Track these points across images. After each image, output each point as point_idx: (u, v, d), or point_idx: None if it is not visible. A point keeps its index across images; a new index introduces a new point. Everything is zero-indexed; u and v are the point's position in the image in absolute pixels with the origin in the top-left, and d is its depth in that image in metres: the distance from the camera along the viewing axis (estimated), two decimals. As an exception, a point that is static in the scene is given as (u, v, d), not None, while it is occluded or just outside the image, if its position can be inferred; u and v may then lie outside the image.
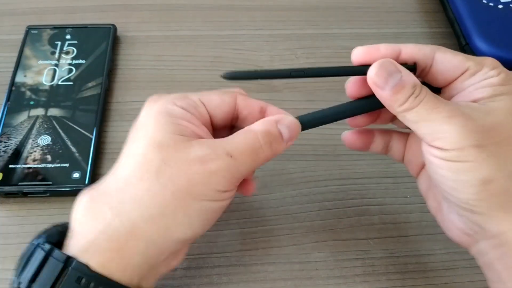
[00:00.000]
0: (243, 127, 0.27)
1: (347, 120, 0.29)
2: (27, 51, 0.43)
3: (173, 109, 0.26)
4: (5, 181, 0.35)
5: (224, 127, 0.29)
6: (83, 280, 0.23)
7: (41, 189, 0.35)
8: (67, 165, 0.36)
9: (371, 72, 0.25)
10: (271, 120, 0.27)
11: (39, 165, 0.36)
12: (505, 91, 0.25)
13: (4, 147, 0.37)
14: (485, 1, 0.44)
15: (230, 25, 0.47)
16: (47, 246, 0.23)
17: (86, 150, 0.37)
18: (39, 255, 0.23)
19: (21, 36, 0.44)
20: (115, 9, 0.47)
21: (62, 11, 0.47)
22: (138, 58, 0.44)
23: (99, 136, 0.38)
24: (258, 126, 0.26)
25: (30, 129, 0.38)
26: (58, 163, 0.36)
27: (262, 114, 0.28)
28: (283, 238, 0.34)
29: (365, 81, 0.26)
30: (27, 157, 0.36)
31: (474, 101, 0.25)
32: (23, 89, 0.40)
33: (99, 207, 0.24)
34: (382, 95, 0.25)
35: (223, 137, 0.26)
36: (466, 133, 0.23)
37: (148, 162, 0.24)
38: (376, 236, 0.35)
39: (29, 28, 0.44)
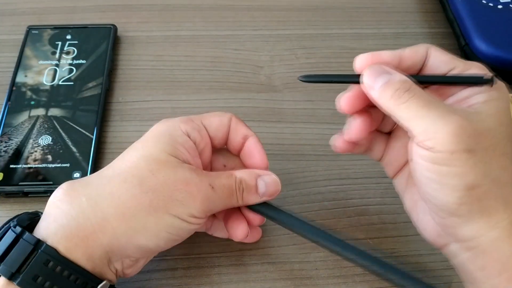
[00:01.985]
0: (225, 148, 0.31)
1: (345, 136, 0.30)
2: (28, 51, 0.43)
3: (177, 134, 0.28)
4: (6, 181, 0.35)
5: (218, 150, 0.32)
6: (51, 263, 0.24)
7: (41, 189, 0.35)
8: (67, 165, 0.36)
9: (363, 77, 0.26)
10: (252, 172, 0.29)
11: (40, 165, 0.36)
12: (496, 97, 0.25)
13: (4, 147, 0.37)
14: (484, 1, 0.44)
15: (230, 25, 0.47)
16: (18, 229, 0.25)
17: (87, 150, 0.37)
18: (9, 237, 0.24)
19: (22, 36, 0.44)
20: (115, 9, 0.48)
21: (63, 11, 0.47)
22: (139, 58, 0.44)
23: (100, 136, 0.38)
24: (240, 173, 0.29)
25: (31, 129, 0.38)
26: (58, 163, 0.36)
27: (243, 142, 0.30)
28: (283, 238, 0.35)
29: (359, 95, 0.27)
30: (27, 157, 0.36)
31: (469, 106, 0.25)
32: (23, 89, 0.40)
33: (76, 195, 0.26)
34: (373, 95, 0.26)
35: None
36: (460, 136, 0.23)
37: (136, 169, 0.26)
38: (375, 236, 0.35)
39: (30, 28, 0.44)
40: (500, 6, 0.43)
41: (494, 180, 0.23)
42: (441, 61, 0.27)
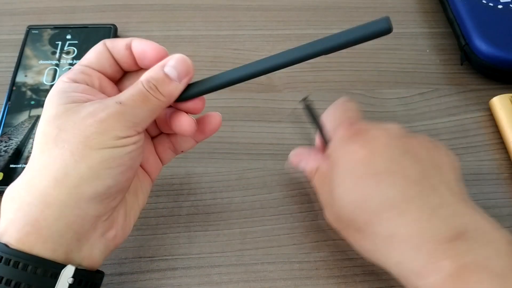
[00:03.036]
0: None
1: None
2: (28, 51, 0.43)
3: (64, 86, 0.26)
4: (6, 181, 0.35)
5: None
6: (3, 258, 0.23)
7: (41, 188, 0.35)
8: (67, 165, 0.36)
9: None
10: (155, 66, 0.27)
11: (40, 165, 0.36)
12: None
13: (5, 147, 0.37)
14: (484, 1, 0.44)
15: (230, 25, 0.47)
16: None
17: (87, 150, 0.37)
18: None
19: (22, 36, 0.44)
20: (115, 9, 0.48)
21: (63, 11, 0.47)
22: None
23: (100, 136, 0.38)
24: (144, 75, 0.27)
25: (31, 129, 0.38)
26: (58, 163, 0.36)
27: (129, 51, 0.29)
28: (283, 237, 0.35)
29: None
30: (27, 157, 0.36)
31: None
32: (23, 89, 0.40)
33: (14, 191, 0.25)
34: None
35: None
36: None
37: (46, 135, 0.25)
38: (376, 236, 0.35)
39: (30, 28, 0.44)
40: (500, 6, 0.43)
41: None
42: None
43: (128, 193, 0.29)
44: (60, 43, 0.43)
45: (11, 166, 0.36)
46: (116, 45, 0.29)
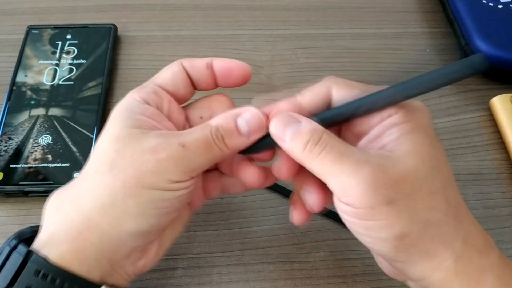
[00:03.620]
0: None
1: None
2: (28, 51, 0.43)
3: (133, 104, 0.26)
4: (6, 181, 0.35)
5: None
6: (41, 272, 0.23)
7: (41, 188, 0.35)
8: (68, 164, 0.36)
9: (270, 126, 0.25)
10: (229, 114, 0.26)
11: (40, 165, 0.36)
12: (410, 129, 0.23)
13: (5, 146, 0.37)
14: (485, 1, 0.44)
15: (230, 25, 0.47)
16: (13, 242, 0.24)
17: (87, 149, 0.37)
18: (5, 251, 0.24)
19: (22, 36, 0.44)
20: (115, 9, 0.48)
21: (63, 11, 0.47)
22: (139, 58, 0.44)
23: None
24: (215, 120, 0.26)
25: (31, 129, 0.38)
26: (58, 163, 0.36)
27: (210, 70, 0.28)
28: (283, 237, 0.35)
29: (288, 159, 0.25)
30: (28, 156, 0.36)
31: (383, 146, 0.23)
32: (24, 89, 0.40)
33: (60, 202, 0.25)
34: (284, 147, 0.24)
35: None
36: (375, 190, 0.22)
37: (104, 155, 0.24)
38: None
39: (30, 28, 0.44)
40: (500, 6, 0.43)
41: (425, 223, 0.22)
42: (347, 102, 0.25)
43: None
44: (60, 43, 0.43)
45: (11, 166, 0.36)
46: (196, 65, 0.28)
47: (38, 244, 0.24)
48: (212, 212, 0.35)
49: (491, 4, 0.44)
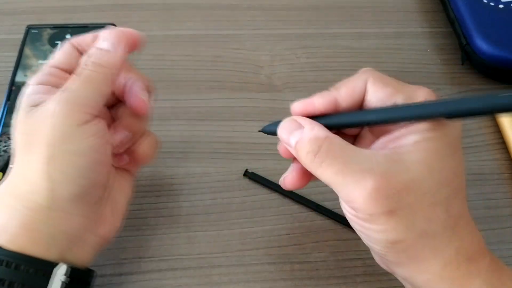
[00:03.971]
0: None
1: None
2: (27, 51, 0.43)
3: (27, 90, 0.27)
4: (5, 181, 0.35)
5: None
6: None
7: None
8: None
9: (278, 131, 0.26)
10: (88, 40, 0.28)
11: (39, 165, 0.36)
12: (431, 138, 0.22)
13: (4, 146, 0.37)
14: (485, 1, 0.44)
15: (231, 24, 0.47)
16: None
17: (86, 149, 0.37)
18: None
19: (21, 36, 0.44)
20: (115, 8, 0.47)
21: (62, 10, 0.47)
22: (138, 57, 0.44)
23: (99, 135, 0.38)
24: (82, 59, 0.27)
25: (30, 129, 0.38)
26: (58, 163, 0.36)
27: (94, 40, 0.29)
28: (283, 238, 0.34)
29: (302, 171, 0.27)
30: (27, 156, 0.36)
31: (398, 148, 0.23)
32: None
33: (1, 196, 0.26)
34: (292, 153, 0.25)
35: None
36: (375, 201, 0.22)
37: (17, 142, 0.26)
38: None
39: (29, 28, 0.44)
40: (501, 6, 0.43)
41: (420, 233, 0.22)
42: (379, 99, 0.24)
43: (111, 188, 0.29)
44: (59, 42, 0.43)
45: (11, 166, 0.36)
46: (84, 40, 0.29)
47: None
48: (212, 213, 0.35)
49: (492, 4, 0.43)
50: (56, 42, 0.43)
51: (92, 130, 0.26)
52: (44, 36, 0.44)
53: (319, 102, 0.25)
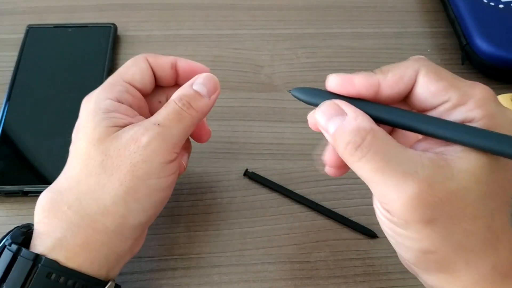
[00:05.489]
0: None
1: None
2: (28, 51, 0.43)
3: (106, 104, 0.27)
4: (6, 181, 0.35)
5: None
6: (53, 275, 0.24)
7: (41, 188, 0.35)
8: (67, 164, 0.36)
9: (316, 114, 0.23)
10: (185, 84, 0.28)
11: (40, 165, 0.36)
12: None
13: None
14: (486, 1, 0.44)
15: (231, 24, 0.47)
16: (14, 247, 0.24)
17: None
18: (6, 256, 0.24)
19: (22, 36, 0.44)
20: (115, 8, 0.47)
21: (63, 10, 0.47)
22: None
23: (100, 135, 0.38)
24: (175, 94, 0.28)
25: (31, 129, 0.38)
26: (58, 163, 0.36)
27: (174, 70, 0.30)
28: (283, 237, 0.34)
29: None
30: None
31: (446, 151, 0.21)
32: (23, 89, 0.40)
33: (58, 207, 0.25)
34: (328, 139, 0.23)
35: None
36: (415, 208, 0.20)
37: (92, 158, 0.25)
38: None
39: (30, 27, 0.44)
40: (501, 6, 0.43)
41: (456, 247, 0.21)
42: (430, 92, 0.22)
43: None
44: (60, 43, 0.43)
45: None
46: (161, 63, 0.29)
47: (43, 248, 0.24)
48: (212, 212, 0.35)
49: (492, 4, 0.43)
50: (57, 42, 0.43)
51: (174, 168, 0.27)
52: (44, 35, 0.44)
53: (360, 82, 0.23)
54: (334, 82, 0.23)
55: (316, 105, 0.24)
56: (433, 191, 0.20)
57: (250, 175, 0.37)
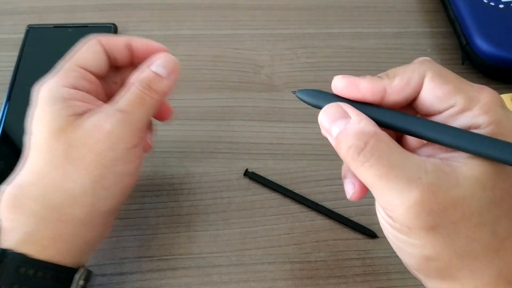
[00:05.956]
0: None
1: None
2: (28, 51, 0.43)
3: (62, 92, 0.26)
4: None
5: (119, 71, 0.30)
6: (22, 268, 0.24)
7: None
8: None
9: (319, 117, 0.23)
10: (143, 67, 0.28)
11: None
12: None
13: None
14: (485, 1, 0.44)
15: (231, 24, 0.47)
16: None
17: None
18: None
19: (22, 36, 0.44)
20: (115, 8, 0.47)
21: (63, 10, 0.47)
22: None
23: (100, 135, 0.38)
24: (134, 77, 0.27)
25: (31, 129, 0.38)
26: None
27: (129, 50, 0.29)
28: (283, 237, 0.34)
29: None
30: (27, 156, 0.36)
31: (451, 157, 0.21)
32: (23, 89, 0.40)
33: (23, 203, 0.25)
34: (331, 142, 0.23)
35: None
36: (417, 214, 0.20)
37: (54, 150, 0.25)
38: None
39: (30, 27, 0.44)
40: (501, 6, 0.43)
41: (460, 254, 0.21)
42: (436, 97, 0.22)
43: None
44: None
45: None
46: (115, 44, 0.29)
47: (11, 244, 0.24)
48: (212, 212, 0.35)
49: (492, 4, 0.43)
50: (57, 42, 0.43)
51: (139, 152, 0.27)
52: (44, 35, 0.44)
53: (365, 87, 0.22)
54: (339, 84, 0.23)
55: (321, 107, 0.23)
56: (437, 198, 0.20)
57: (250, 175, 0.37)
